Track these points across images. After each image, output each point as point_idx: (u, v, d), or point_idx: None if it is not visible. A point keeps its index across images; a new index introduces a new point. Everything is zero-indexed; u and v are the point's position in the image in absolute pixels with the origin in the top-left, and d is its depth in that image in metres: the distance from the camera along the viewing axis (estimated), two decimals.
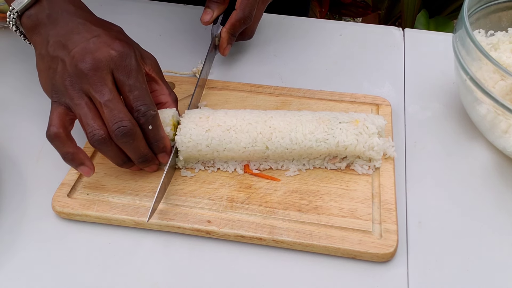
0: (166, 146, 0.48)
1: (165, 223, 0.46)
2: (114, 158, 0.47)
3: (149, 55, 0.51)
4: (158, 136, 0.47)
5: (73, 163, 0.46)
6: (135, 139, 0.45)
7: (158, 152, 0.48)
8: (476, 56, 0.48)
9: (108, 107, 0.43)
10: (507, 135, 0.50)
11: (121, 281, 0.44)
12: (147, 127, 0.46)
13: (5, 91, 0.63)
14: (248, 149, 0.49)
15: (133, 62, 0.45)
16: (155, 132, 0.47)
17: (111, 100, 0.43)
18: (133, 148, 0.46)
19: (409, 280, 0.44)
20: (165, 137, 0.48)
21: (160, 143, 0.48)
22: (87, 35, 0.46)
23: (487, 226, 0.48)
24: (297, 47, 0.70)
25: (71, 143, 0.45)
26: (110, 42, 0.45)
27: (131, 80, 0.45)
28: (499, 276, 0.44)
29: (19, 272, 0.45)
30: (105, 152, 0.46)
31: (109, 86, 0.44)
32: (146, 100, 0.45)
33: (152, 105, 0.46)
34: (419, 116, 0.59)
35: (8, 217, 0.49)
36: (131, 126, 0.44)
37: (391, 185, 0.49)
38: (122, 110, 0.44)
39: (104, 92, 0.43)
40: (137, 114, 0.45)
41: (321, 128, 0.49)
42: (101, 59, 0.44)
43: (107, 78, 0.44)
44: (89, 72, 0.43)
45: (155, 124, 0.46)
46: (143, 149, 0.47)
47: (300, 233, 0.45)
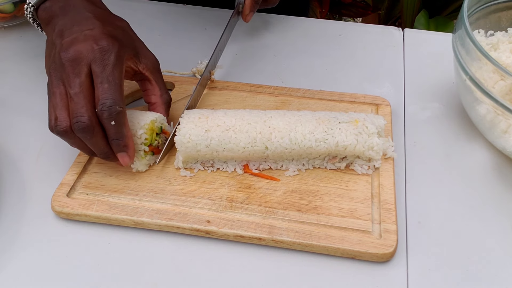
0: (128, 145, 0.47)
1: (164, 223, 0.46)
2: (80, 149, 0.47)
3: (149, 55, 0.51)
4: (119, 134, 0.46)
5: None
6: (92, 136, 0.44)
7: (117, 151, 0.47)
8: (476, 56, 0.48)
9: (73, 100, 0.44)
10: (507, 135, 0.50)
11: (120, 281, 0.44)
12: (109, 122, 0.44)
13: (5, 91, 0.63)
14: (248, 149, 0.49)
15: (112, 58, 0.45)
16: (117, 130, 0.45)
17: (77, 93, 0.44)
18: (92, 143, 0.45)
19: (409, 280, 0.44)
20: (128, 137, 0.47)
21: (121, 141, 0.46)
22: (83, 27, 0.46)
23: (486, 226, 0.48)
24: (297, 47, 0.70)
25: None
26: (99, 37, 0.45)
27: (105, 73, 0.44)
28: (499, 276, 0.44)
29: (18, 272, 0.45)
30: (71, 143, 0.46)
31: (81, 79, 0.44)
32: (115, 95, 0.44)
33: (120, 101, 0.45)
34: (419, 116, 0.59)
35: (7, 217, 0.49)
36: (88, 123, 0.43)
37: (391, 185, 0.49)
38: (84, 105, 0.43)
39: (74, 84, 0.44)
40: (101, 108, 0.44)
41: (320, 128, 0.49)
42: (82, 51, 0.44)
43: (82, 71, 0.44)
44: (67, 62, 0.44)
45: (118, 120, 0.45)
46: (103, 147, 0.46)
47: (300, 233, 0.45)
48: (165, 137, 0.52)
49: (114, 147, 0.47)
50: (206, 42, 0.71)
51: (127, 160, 0.48)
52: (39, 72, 0.66)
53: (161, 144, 0.52)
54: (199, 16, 0.75)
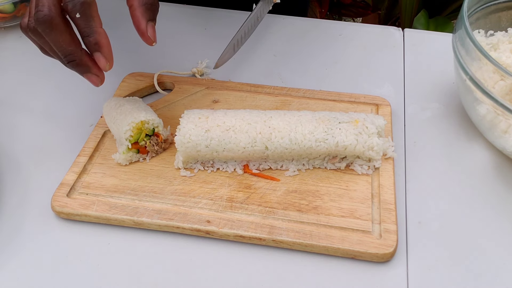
0: (99, 43, 0.41)
1: (164, 223, 0.46)
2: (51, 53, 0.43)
3: None
4: (89, 29, 0.40)
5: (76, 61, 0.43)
6: (53, 29, 0.40)
7: (91, 51, 0.42)
8: (476, 56, 0.48)
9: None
10: (507, 135, 0.50)
11: (120, 281, 0.44)
12: (74, 15, 0.40)
13: (5, 91, 0.63)
14: (248, 149, 0.49)
15: None
16: (85, 23, 0.40)
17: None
18: (52, 39, 0.41)
19: (409, 280, 0.44)
20: (100, 33, 0.41)
21: (92, 38, 0.41)
22: None
23: (486, 226, 0.48)
24: (297, 47, 0.70)
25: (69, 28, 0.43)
26: None
27: None
28: (499, 276, 0.44)
29: (18, 272, 0.45)
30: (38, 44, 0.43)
31: None
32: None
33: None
34: (419, 116, 0.59)
35: (7, 217, 0.49)
36: (47, 13, 0.39)
37: (391, 185, 0.49)
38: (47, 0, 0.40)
39: None
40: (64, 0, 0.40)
41: (320, 128, 0.49)
42: None
43: None
44: None
45: (85, 12, 0.40)
46: (67, 43, 0.41)
47: (300, 233, 0.45)
48: (156, 139, 0.52)
49: (87, 46, 0.42)
50: (206, 42, 0.71)
51: (103, 62, 0.42)
52: (39, 72, 0.66)
53: (150, 145, 0.52)
54: (199, 16, 0.75)
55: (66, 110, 0.60)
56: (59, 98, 0.62)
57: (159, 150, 0.53)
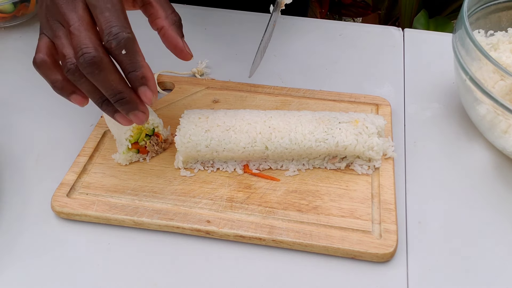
0: (146, 77, 0.41)
1: (164, 223, 0.46)
2: (91, 94, 0.42)
3: None
4: (135, 64, 0.40)
5: (63, 92, 0.42)
6: (101, 70, 0.39)
7: (137, 85, 0.41)
8: (476, 56, 0.48)
9: (73, 34, 0.39)
10: (507, 135, 0.50)
11: (120, 281, 0.44)
12: (120, 52, 0.39)
13: (5, 91, 0.63)
14: (248, 149, 0.49)
15: None
16: (131, 59, 0.40)
17: (76, 27, 0.39)
18: (101, 80, 0.40)
19: (409, 280, 0.44)
20: (146, 67, 0.41)
21: (138, 72, 0.40)
22: None
23: (487, 226, 0.48)
24: (297, 47, 0.70)
25: (59, 70, 0.42)
26: None
27: (102, 2, 0.39)
28: (499, 276, 0.44)
29: (18, 272, 0.45)
30: (79, 85, 0.41)
31: (78, 13, 0.40)
32: (118, 21, 0.39)
33: (126, 26, 0.39)
34: (419, 116, 0.59)
35: (7, 217, 0.49)
36: (94, 53, 0.38)
37: (391, 185, 0.49)
38: (88, 37, 0.39)
39: (71, 19, 0.39)
40: (107, 38, 0.39)
41: (320, 128, 0.49)
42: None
43: (78, 5, 0.40)
44: (60, 1, 0.40)
45: (129, 48, 0.39)
46: (115, 82, 0.40)
47: (300, 233, 0.45)
48: (156, 139, 0.52)
49: (132, 81, 0.41)
50: (206, 42, 0.71)
51: (150, 95, 0.42)
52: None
53: (150, 145, 0.52)
54: (199, 16, 0.75)
55: (66, 110, 0.60)
56: (59, 98, 0.61)
57: (159, 150, 0.53)
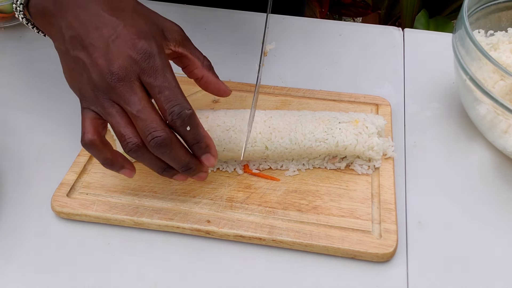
0: (209, 145, 0.44)
1: (164, 223, 0.46)
2: (153, 166, 0.44)
3: (171, 26, 0.46)
4: (198, 136, 0.43)
5: (114, 167, 0.44)
6: (172, 149, 0.41)
7: (200, 154, 0.44)
8: (476, 56, 0.48)
9: (139, 118, 0.41)
10: (507, 135, 0.50)
11: (120, 281, 0.44)
12: (184, 129, 0.42)
13: (5, 91, 0.63)
14: (248, 149, 0.49)
15: (157, 61, 0.42)
16: (195, 133, 0.43)
17: (141, 110, 0.41)
18: (172, 157, 0.42)
19: (409, 280, 0.44)
20: (207, 136, 0.44)
21: (202, 143, 0.43)
22: (104, 33, 0.42)
23: (487, 226, 0.48)
24: (297, 47, 0.70)
25: (108, 148, 0.43)
26: (131, 42, 0.42)
27: (159, 81, 0.41)
28: (499, 276, 0.44)
29: (18, 272, 0.45)
30: (142, 161, 0.43)
31: (139, 95, 0.41)
32: (178, 99, 0.42)
33: (186, 103, 0.42)
34: (419, 116, 0.59)
35: (7, 217, 0.49)
36: (165, 136, 0.40)
37: (391, 185, 0.49)
38: (154, 119, 0.41)
39: (133, 102, 0.41)
40: (171, 117, 0.41)
41: (320, 128, 0.49)
42: (126, 66, 0.41)
43: (135, 86, 0.41)
44: (116, 84, 0.41)
45: (192, 124, 0.42)
46: (184, 157, 0.43)
47: (300, 233, 0.45)
48: None
49: (196, 151, 0.44)
50: (206, 42, 0.71)
51: (213, 161, 0.44)
52: (39, 72, 0.66)
53: None
54: (199, 16, 0.75)
55: (66, 109, 0.60)
56: (59, 98, 0.62)
57: None
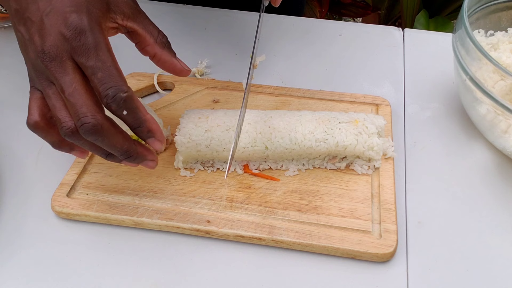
0: (152, 129, 0.41)
1: (164, 223, 0.46)
2: (94, 152, 0.42)
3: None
4: (138, 120, 0.40)
5: (63, 149, 0.42)
6: (104, 136, 0.39)
7: (144, 139, 0.42)
8: (476, 56, 0.48)
9: (69, 101, 0.38)
10: (507, 135, 0.50)
11: (120, 281, 0.44)
12: (121, 113, 0.39)
13: (6, 91, 0.63)
14: (248, 149, 0.49)
15: (89, 38, 0.38)
16: (134, 117, 0.40)
17: (71, 93, 0.38)
18: (106, 145, 0.40)
19: (409, 280, 0.44)
20: (148, 120, 0.41)
21: (143, 127, 0.41)
22: (40, 6, 0.39)
23: (487, 225, 0.48)
24: (297, 47, 0.70)
25: (54, 130, 0.41)
26: (62, 17, 0.38)
27: (91, 61, 0.38)
28: (499, 276, 0.44)
29: (18, 271, 0.45)
30: (81, 146, 0.41)
31: (70, 76, 0.38)
32: (113, 81, 0.38)
33: (122, 85, 0.39)
34: (419, 116, 0.59)
35: (7, 217, 0.49)
36: (94, 122, 0.38)
37: (391, 185, 0.49)
38: (84, 103, 0.38)
39: (65, 84, 0.38)
40: (106, 101, 0.38)
41: (320, 128, 0.49)
42: (57, 44, 0.38)
43: (67, 66, 0.39)
44: (48, 63, 0.38)
45: (130, 107, 0.39)
46: (120, 144, 0.40)
47: (300, 233, 0.45)
48: None
49: (140, 136, 0.42)
50: (206, 42, 0.71)
51: (159, 145, 0.42)
52: None
53: None
54: (199, 16, 0.75)
55: None
56: None
57: None
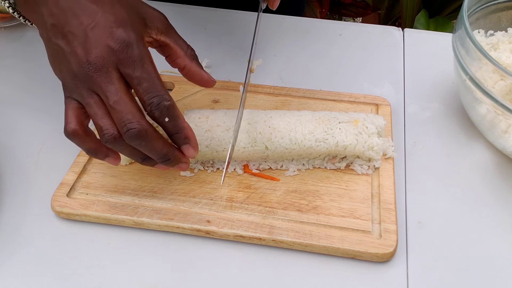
0: (189, 136, 0.44)
1: (164, 223, 0.46)
2: (132, 156, 0.44)
3: (154, 15, 0.46)
4: (177, 127, 0.43)
5: (98, 156, 0.44)
6: (148, 140, 0.42)
7: (180, 145, 0.44)
8: (476, 56, 0.48)
9: (115, 109, 0.41)
10: (507, 135, 0.50)
11: (120, 281, 0.44)
12: (163, 120, 0.42)
13: (5, 91, 0.63)
14: (248, 149, 0.49)
15: (136, 50, 0.42)
16: (174, 124, 0.43)
17: (117, 101, 0.41)
18: (148, 149, 0.43)
19: (409, 280, 0.44)
20: (186, 127, 0.44)
21: (181, 134, 0.44)
22: (83, 21, 0.42)
23: (487, 226, 0.48)
24: (297, 47, 0.70)
25: (91, 137, 0.43)
26: (108, 30, 0.41)
27: (137, 72, 0.41)
28: (499, 276, 0.44)
29: (18, 271, 0.45)
30: (121, 151, 0.43)
31: (116, 85, 0.41)
32: (157, 91, 0.42)
33: (165, 94, 0.42)
34: (419, 116, 0.59)
35: (7, 217, 0.49)
36: (139, 128, 0.41)
37: (391, 185, 0.49)
38: (129, 111, 0.41)
39: (110, 93, 0.41)
40: (150, 108, 0.42)
41: (320, 128, 0.49)
42: (103, 56, 0.41)
43: (113, 76, 0.41)
44: (94, 74, 0.41)
45: (171, 115, 0.42)
46: (161, 148, 0.43)
47: (300, 233, 0.45)
48: None
49: (176, 141, 0.44)
50: (206, 42, 0.71)
51: (192, 152, 0.45)
52: (39, 71, 0.66)
53: None
54: (199, 16, 0.75)
55: None
56: (59, 98, 0.61)
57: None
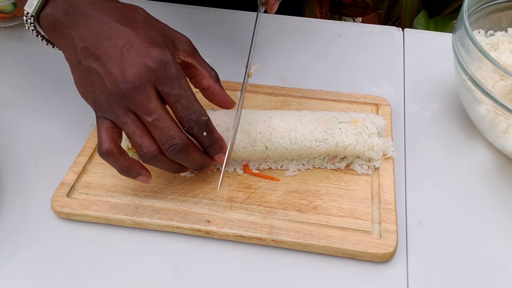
0: (223, 146, 0.47)
1: (164, 223, 0.46)
2: (169, 169, 0.46)
3: (181, 38, 0.48)
4: (213, 139, 0.46)
5: (131, 175, 0.45)
6: (188, 153, 0.44)
7: (214, 154, 0.47)
8: (476, 56, 0.48)
9: (156, 126, 0.42)
10: (507, 135, 0.50)
11: (120, 281, 0.44)
12: (201, 134, 0.44)
13: (5, 91, 0.63)
14: (248, 149, 0.49)
15: (173, 69, 0.43)
16: (210, 137, 0.45)
17: (158, 118, 0.42)
18: (188, 161, 0.45)
19: (409, 280, 0.44)
20: (220, 138, 0.47)
21: (217, 145, 0.46)
22: (117, 42, 0.43)
23: (487, 225, 0.48)
24: (297, 47, 0.70)
25: (124, 156, 0.45)
26: (145, 51, 0.43)
27: (176, 90, 0.43)
28: (499, 276, 0.44)
29: (18, 271, 0.45)
30: (159, 166, 0.45)
31: (154, 103, 0.42)
32: (195, 107, 0.44)
33: (202, 109, 0.44)
34: (419, 116, 0.59)
35: (7, 217, 0.49)
36: (182, 143, 0.43)
37: (391, 185, 0.49)
38: (171, 127, 0.43)
39: (150, 111, 0.42)
40: (189, 124, 0.44)
41: (320, 128, 0.49)
42: (141, 75, 0.42)
43: (151, 94, 0.42)
44: (132, 92, 0.42)
45: (209, 129, 0.45)
46: (199, 158, 0.46)
47: (300, 233, 0.45)
48: None
49: (210, 152, 0.47)
50: (206, 42, 0.71)
51: (224, 158, 0.47)
52: (39, 72, 0.66)
53: None
54: (199, 16, 0.75)
55: (66, 109, 0.60)
56: (59, 98, 0.62)
57: None
